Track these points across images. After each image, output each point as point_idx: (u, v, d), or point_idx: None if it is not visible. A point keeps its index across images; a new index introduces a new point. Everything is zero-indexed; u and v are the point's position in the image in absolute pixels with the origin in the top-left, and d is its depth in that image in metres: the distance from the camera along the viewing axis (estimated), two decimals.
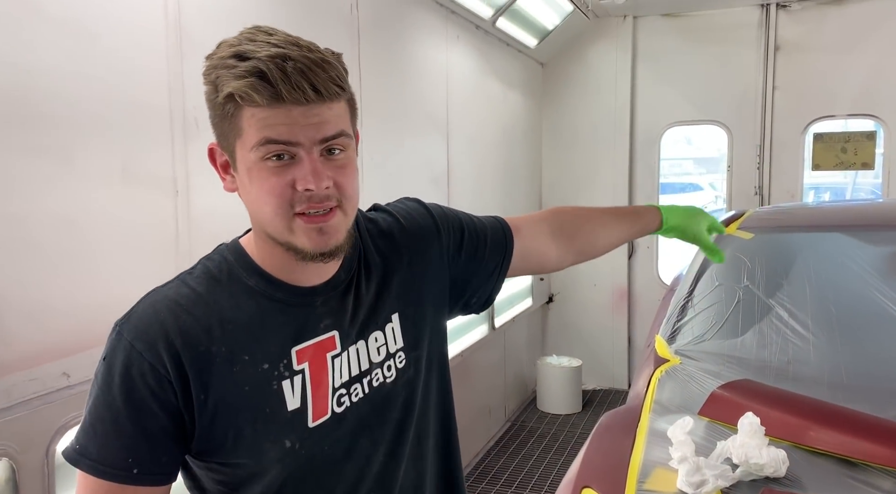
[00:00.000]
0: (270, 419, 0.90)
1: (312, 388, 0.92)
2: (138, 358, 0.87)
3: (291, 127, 0.83)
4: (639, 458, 1.64)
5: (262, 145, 0.83)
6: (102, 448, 0.87)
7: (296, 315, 0.93)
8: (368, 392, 0.98)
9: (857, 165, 4.69)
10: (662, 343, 2.27)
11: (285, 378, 0.91)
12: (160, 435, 0.88)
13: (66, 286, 1.55)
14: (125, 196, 1.70)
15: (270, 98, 0.81)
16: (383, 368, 0.99)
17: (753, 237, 2.54)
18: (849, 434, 1.61)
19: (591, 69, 5.21)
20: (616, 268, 5.31)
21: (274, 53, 0.81)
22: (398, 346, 1.01)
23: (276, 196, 0.85)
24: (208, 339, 0.89)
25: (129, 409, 0.86)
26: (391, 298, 1.02)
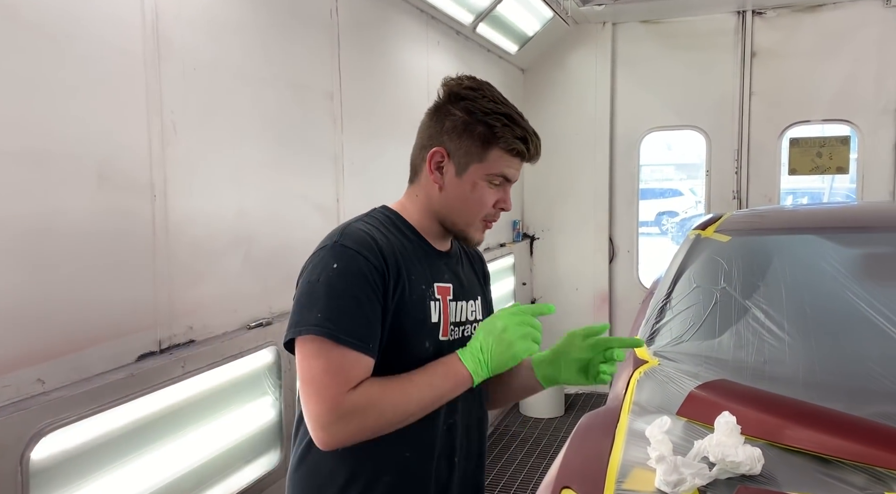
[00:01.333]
0: (421, 324, 1.27)
1: (443, 313, 1.31)
2: (365, 261, 1.20)
3: (516, 173, 1.32)
4: (618, 458, 1.65)
5: (499, 175, 1.30)
6: (352, 325, 1.16)
7: (432, 262, 1.33)
8: (462, 336, 1.35)
9: (832, 169, 4.77)
10: None
11: (434, 299, 1.30)
12: (381, 319, 1.21)
13: (40, 292, 1.53)
14: (101, 201, 1.69)
15: (521, 155, 1.30)
16: (472, 326, 1.37)
17: (730, 240, 2.58)
18: (823, 432, 1.63)
19: (571, 75, 5.25)
20: (597, 272, 5.35)
21: (533, 132, 1.32)
22: (479, 317, 1.40)
23: (485, 206, 1.31)
24: (394, 258, 1.25)
25: (365, 299, 1.18)
26: (477, 284, 1.46)
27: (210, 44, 2.05)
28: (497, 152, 1.27)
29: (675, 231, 15.71)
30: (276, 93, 2.38)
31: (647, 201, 13.53)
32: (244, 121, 2.22)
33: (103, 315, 1.70)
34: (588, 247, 5.35)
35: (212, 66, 2.06)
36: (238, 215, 2.19)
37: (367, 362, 1.18)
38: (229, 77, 2.14)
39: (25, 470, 1.41)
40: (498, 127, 1.26)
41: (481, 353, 1.22)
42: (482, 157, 1.27)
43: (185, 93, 1.95)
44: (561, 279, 5.45)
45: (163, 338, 1.88)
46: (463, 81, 1.32)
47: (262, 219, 2.31)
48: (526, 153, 1.29)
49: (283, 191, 2.43)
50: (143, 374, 1.73)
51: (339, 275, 1.18)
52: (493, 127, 1.26)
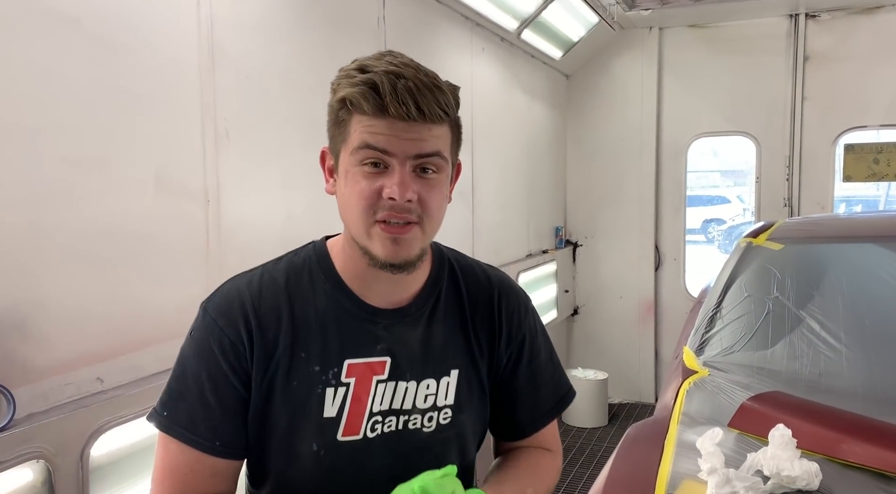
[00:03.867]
0: (306, 418, 0.95)
1: (351, 404, 0.95)
2: (220, 333, 0.94)
3: (390, 138, 0.88)
4: (667, 470, 1.62)
5: (361, 149, 0.90)
6: (191, 418, 0.92)
7: (357, 329, 0.97)
8: (402, 431, 0.98)
9: (890, 176, 4.60)
10: (690, 354, 2.24)
11: (330, 385, 0.95)
12: (240, 410, 0.94)
13: (100, 293, 1.59)
14: (158, 205, 1.74)
15: (377, 108, 0.88)
16: (424, 417, 1.00)
17: (783, 248, 2.51)
18: (883, 447, 1.58)
19: (616, 80, 5.20)
20: (642, 280, 5.27)
21: (389, 70, 0.88)
22: (447, 404, 1.01)
23: (363, 199, 0.90)
24: (277, 327, 0.95)
25: (213, 383, 0.92)
26: (458, 351, 1.02)
27: (261, 52, 2.10)
28: (353, 119, 0.91)
29: (721, 239, 15.37)
30: (323, 100, 2.38)
31: (693, 208, 13.28)
32: (293, 129, 2.26)
33: (158, 316, 1.75)
34: (633, 255, 5.27)
35: (263, 73, 2.10)
36: (286, 220, 2.23)
37: (216, 464, 0.93)
38: (279, 84, 2.18)
39: (86, 466, 1.45)
40: (343, 86, 0.92)
41: None
42: (344, 135, 0.93)
43: (238, 101, 2.00)
44: (604, 287, 5.38)
45: None
46: None
47: (310, 224, 2.34)
48: (380, 99, 0.87)
49: (330, 197, 2.46)
50: None
51: (189, 349, 0.96)
52: (336, 90, 0.93)
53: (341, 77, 0.93)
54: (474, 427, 1.06)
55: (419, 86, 0.88)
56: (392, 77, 0.88)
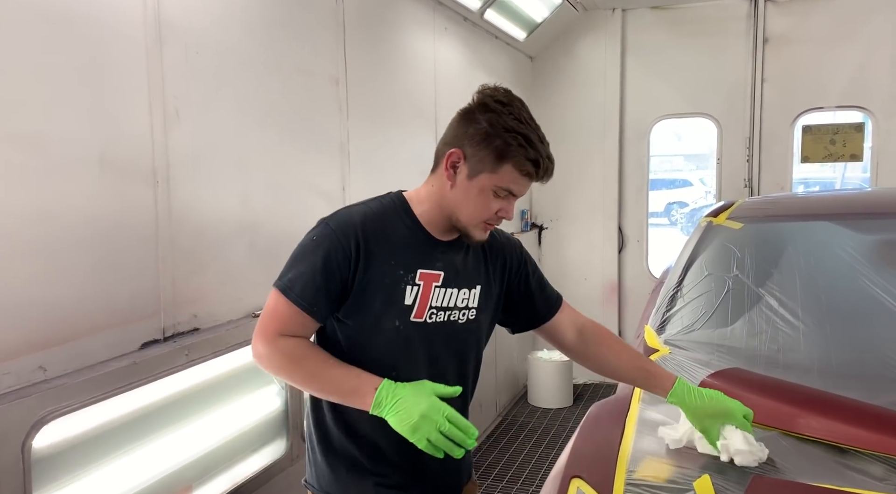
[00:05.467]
0: (392, 304, 1.40)
1: (420, 297, 1.42)
2: (336, 241, 1.37)
3: (524, 189, 1.40)
4: (628, 447, 1.62)
5: (505, 189, 1.38)
6: (303, 288, 1.35)
7: (424, 250, 1.44)
8: (447, 320, 1.46)
9: (845, 157, 4.70)
10: (652, 333, 2.25)
11: (409, 283, 1.41)
12: (335, 292, 1.37)
13: (41, 278, 1.51)
14: (103, 186, 1.66)
15: (531, 177, 1.38)
16: (460, 312, 1.49)
17: (743, 227, 2.54)
18: (839, 421, 1.60)
19: (580, 63, 5.19)
20: (606, 262, 5.31)
21: (547, 154, 1.38)
22: (474, 306, 1.50)
23: (487, 211, 1.40)
24: (376, 243, 1.39)
25: (324, 271, 1.35)
26: (481, 274, 1.52)
27: (213, 27, 2.02)
28: (508, 168, 1.35)
29: (684, 221, 15.61)
30: (280, 79, 2.34)
31: (657, 192, 13.43)
32: (248, 107, 2.19)
33: (106, 302, 1.68)
34: (597, 237, 5.30)
35: (215, 50, 2.03)
36: (242, 203, 2.17)
37: (306, 320, 1.37)
38: (233, 62, 2.11)
39: (27, 458, 1.39)
40: (514, 145, 1.33)
41: (387, 410, 1.28)
42: (494, 169, 1.36)
43: (188, 78, 1.92)
44: (569, 269, 5.41)
45: (167, 326, 1.86)
46: (497, 93, 1.38)
47: (268, 207, 2.28)
48: (535, 175, 1.37)
49: (289, 178, 2.40)
50: (146, 362, 1.71)
51: (310, 247, 1.38)
52: (509, 144, 1.33)
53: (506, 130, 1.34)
54: (487, 326, 1.58)
55: (552, 166, 1.39)
56: (548, 163, 1.37)
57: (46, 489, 1.45)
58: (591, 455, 1.64)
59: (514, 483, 3.77)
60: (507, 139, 1.33)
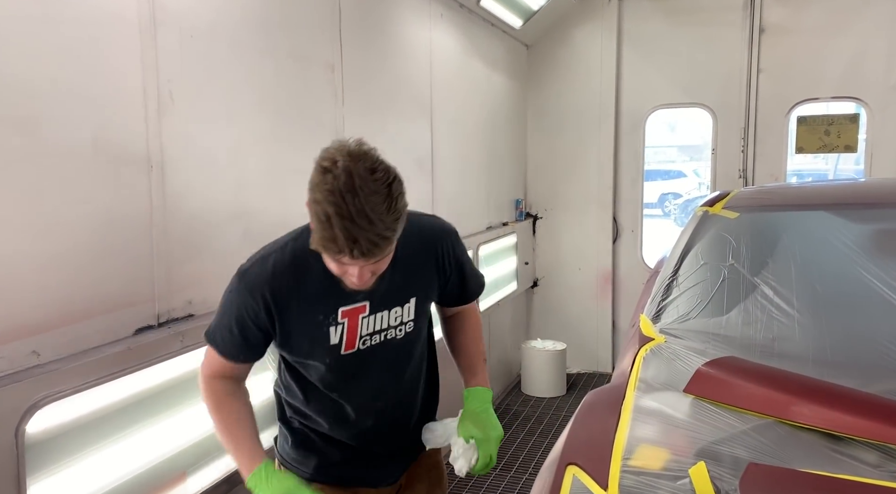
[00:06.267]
0: (318, 345, 1.49)
1: (348, 333, 1.49)
2: (248, 298, 1.43)
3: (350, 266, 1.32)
4: (624, 435, 1.63)
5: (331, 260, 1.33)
6: (223, 340, 1.48)
7: (340, 289, 1.42)
8: (383, 340, 1.54)
9: (840, 148, 4.70)
10: (647, 321, 2.25)
11: (332, 325, 1.47)
12: (255, 340, 1.48)
13: (34, 262, 1.50)
14: (96, 170, 1.64)
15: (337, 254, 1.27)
16: (396, 330, 1.55)
17: (738, 216, 2.54)
18: (834, 409, 1.60)
19: (576, 51, 5.17)
20: (600, 252, 5.31)
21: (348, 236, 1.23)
22: (410, 319, 1.56)
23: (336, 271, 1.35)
24: (288, 296, 1.44)
25: (239, 325, 1.45)
26: (414, 286, 1.55)
27: (208, 10, 2.00)
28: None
29: (678, 212, 15.64)
30: (275, 64, 2.32)
31: (651, 183, 13.44)
32: (243, 92, 2.16)
33: (99, 287, 1.66)
34: (592, 227, 5.31)
35: (210, 33, 2.00)
36: (237, 188, 2.15)
37: (234, 365, 1.51)
38: (228, 46, 2.09)
39: (21, 443, 1.38)
40: (314, 219, 1.26)
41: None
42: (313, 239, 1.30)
43: (182, 61, 1.90)
44: (564, 259, 5.41)
45: (161, 312, 1.84)
46: (330, 153, 1.28)
47: (262, 193, 2.27)
48: (342, 255, 1.26)
49: (284, 164, 2.38)
50: (140, 348, 1.70)
51: (227, 301, 1.47)
52: (313, 214, 1.26)
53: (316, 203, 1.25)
54: (426, 323, 1.67)
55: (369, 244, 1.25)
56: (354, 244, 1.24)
57: (40, 474, 1.43)
58: (587, 443, 1.65)
59: (507, 471, 3.78)
60: (312, 210, 1.26)
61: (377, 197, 1.23)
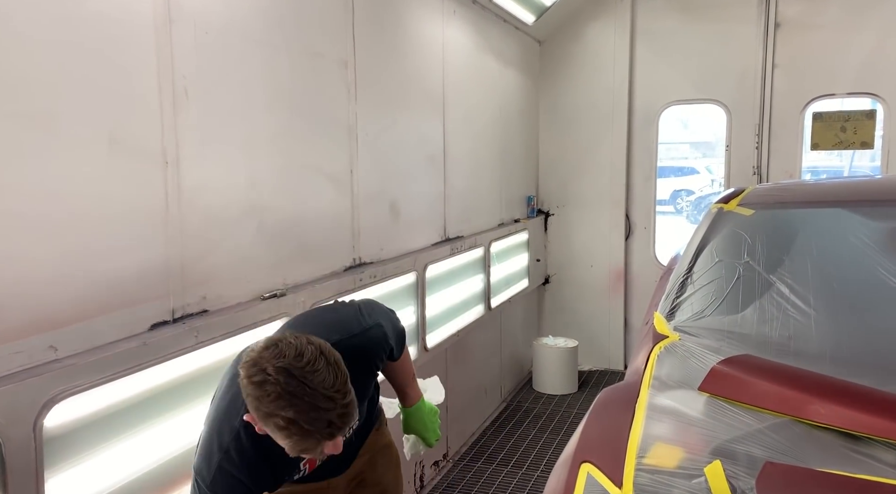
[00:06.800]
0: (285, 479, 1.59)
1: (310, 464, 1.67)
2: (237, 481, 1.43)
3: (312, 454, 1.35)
4: (638, 433, 1.62)
5: None
6: None
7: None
8: None
9: (856, 144, 4.65)
10: (661, 319, 2.24)
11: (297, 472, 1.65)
12: None
13: (52, 258, 1.51)
14: (113, 166, 1.65)
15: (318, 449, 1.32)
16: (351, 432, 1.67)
17: (753, 213, 2.51)
18: (851, 408, 1.59)
19: (589, 47, 5.15)
20: (613, 249, 5.29)
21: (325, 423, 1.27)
22: (361, 419, 1.73)
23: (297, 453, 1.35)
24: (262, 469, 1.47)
25: None
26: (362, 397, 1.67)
27: (222, 7, 2.00)
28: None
29: (690, 209, 15.54)
30: (289, 60, 2.32)
31: (663, 179, 13.34)
32: (257, 88, 2.17)
33: (115, 283, 1.67)
34: (604, 224, 5.28)
35: (224, 30, 2.01)
36: (250, 185, 2.15)
37: None
38: (242, 42, 2.09)
39: (39, 437, 1.39)
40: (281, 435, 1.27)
41: None
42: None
43: (197, 58, 1.90)
44: (575, 255, 5.40)
45: (176, 308, 1.85)
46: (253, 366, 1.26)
47: (276, 189, 2.27)
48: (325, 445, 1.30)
49: (297, 160, 2.38)
50: (156, 343, 1.71)
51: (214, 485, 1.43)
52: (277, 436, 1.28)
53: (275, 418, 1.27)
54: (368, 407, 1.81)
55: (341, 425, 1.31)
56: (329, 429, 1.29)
57: (58, 467, 1.45)
58: (601, 441, 1.64)
59: (518, 468, 3.78)
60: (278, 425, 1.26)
61: (320, 375, 1.25)
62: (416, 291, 3.21)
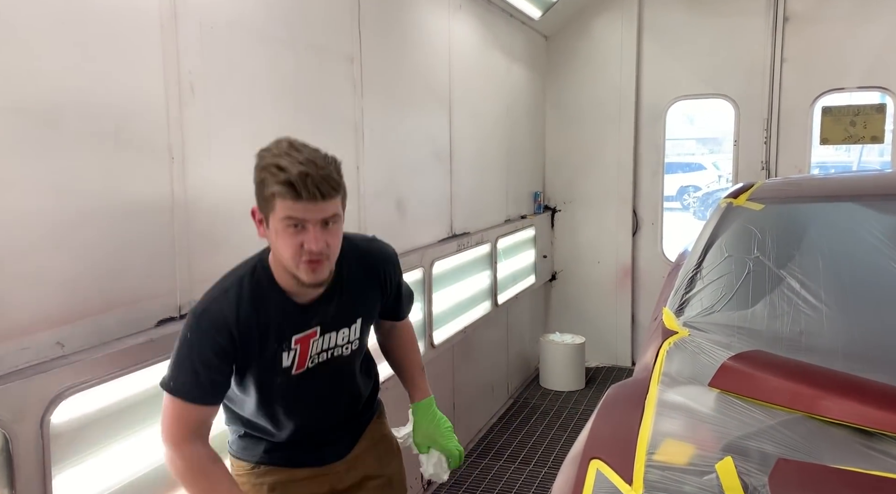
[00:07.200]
0: (271, 371, 1.56)
1: (299, 356, 1.58)
2: (210, 339, 1.46)
3: (304, 212, 1.39)
4: (648, 429, 1.60)
5: (288, 218, 1.40)
6: (190, 387, 1.46)
7: (296, 318, 1.55)
8: (331, 357, 1.64)
9: (866, 139, 4.61)
10: (670, 315, 2.22)
11: (285, 350, 1.56)
12: (220, 381, 1.50)
13: (58, 254, 1.50)
14: (118, 161, 1.64)
15: (295, 197, 1.37)
16: (343, 348, 1.66)
17: (763, 208, 2.49)
18: (864, 404, 1.57)
19: (595, 42, 5.12)
20: (620, 245, 5.27)
21: (300, 172, 1.36)
22: (356, 337, 1.68)
23: (292, 250, 1.42)
24: (249, 330, 1.49)
25: (205, 367, 1.46)
26: (360, 307, 1.67)
27: (228, 3, 1.99)
28: (276, 200, 1.39)
29: (697, 206, 15.48)
30: (295, 56, 2.31)
31: (670, 176, 13.30)
32: (263, 84, 2.16)
33: (122, 279, 1.67)
34: (611, 220, 5.26)
35: (229, 25, 1.99)
36: None
37: (201, 411, 1.48)
38: (247, 37, 2.08)
39: (46, 433, 1.39)
40: (268, 178, 1.39)
41: None
42: (271, 208, 1.41)
43: (203, 53, 1.89)
44: (582, 252, 5.38)
45: (183, 304, 1.85)
46: (267, 146, 1.44)
47: None
48: (298, 193, 1.36)
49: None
50: (162, 340, 1.70)
51: (186, 346, 1.46)
52: (264, 180, 1.40)
53: (265, 169, 1.40)
54: (364, 341, 1.74)
55: (320, 181, 1.37)
56: (304, 179, 1.36)
57: (65, 464, 1.44)
58: (611, 437, 1.63)
59: (526, 465, 3.77)
60: (263, 176, 1.40)
61: (317, 152, 1.42)
62: (423, 287, 3.20)
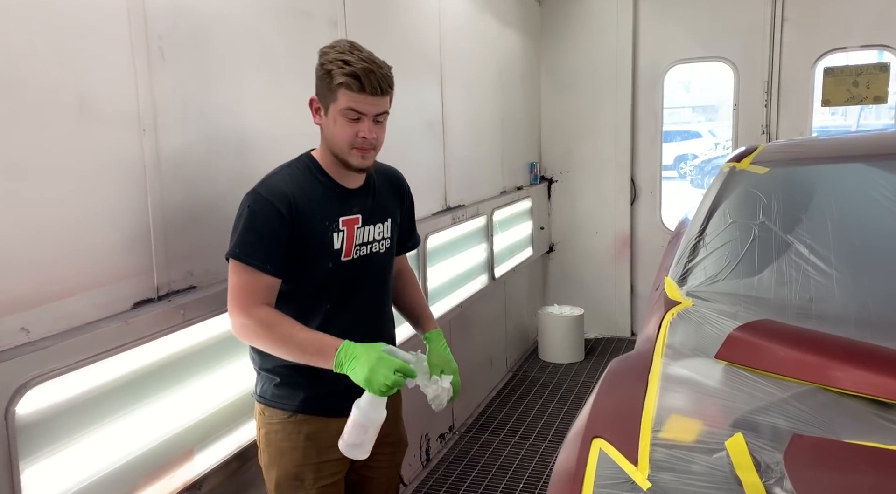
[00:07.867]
0: (324, 251, 1.68)
1: (346, 240, 1.71)
2: (273, 207, 1.60)
3: (364, 105, 1.60)
4: (653, 405, 1.52)
5: (348, 109, 1.59)
6: (255, 252, 1.59)
7: (341, 200, 1.71)
8: (369, 253, 1.77)
9: (869, 99, 4.49)
10: (672, 284, 2.13)
11: (335, 231, 1.69)
12: (283, 249, 1.61)
13: (21, 234, 1.40)
14: (83, 133, 1.53)
15: (359, 90, 1.57)
16: (379, 244, 1.80)
17: (768, 171, 2.39)
18: (880, 373, 1.49)
19: (591, 5, 4.96)
20: (618, 215, 5.17)
21: (364, 67, 1.57)
22: (388, 236, 1.83)
23: (346, 136, 1.62)
24: (303, 204, 1.64)
25: (269, 233, 1.59)
26: (388, 208, 1.84)
27: None
28: (340, 91, 1.57)
29: (694, 174, 15.35)
30: (275, 20, 2.18)
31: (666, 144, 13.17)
32: (241, 50, 2.04)
33: (93, 258, 1.57)
34: (609, 189, 5.15)
35: None
36: (238, 153, 2.03)
37: (267, 280, 1.60)
38: (221, 1, 1.95)
39: (11, 425, 1.30)
40: (334, 70, 1.57)
41: (346, 367, 1.51)
42: (333, 98, 1.59)
43: (173, 16, 1.77)
44: (580, 222, 5.28)
45: (161, 284, 1.75)
46: (331, 43, 1.63)
47: (265, 158, 2.14)
48: (363, 86, 1.56)
49: (286, 127, 2.25)
50: (139, 323, 1.61)
51: (250, 216, 1.60)
52: (331, 72, 1.58)
53: (331, 62, 1.58)
54: (394, 250, 1.88)
55: (381, 78, 1.59)
56: (369, 73, 1.57)
57: (34, 457, 1.36)
58: (613, 414, 1.55)
59: (526, 439, 3.72)
60: (329, 68, 1.57)
61: (374, 54, 1.61)
62: (418, 262, 3.11)
